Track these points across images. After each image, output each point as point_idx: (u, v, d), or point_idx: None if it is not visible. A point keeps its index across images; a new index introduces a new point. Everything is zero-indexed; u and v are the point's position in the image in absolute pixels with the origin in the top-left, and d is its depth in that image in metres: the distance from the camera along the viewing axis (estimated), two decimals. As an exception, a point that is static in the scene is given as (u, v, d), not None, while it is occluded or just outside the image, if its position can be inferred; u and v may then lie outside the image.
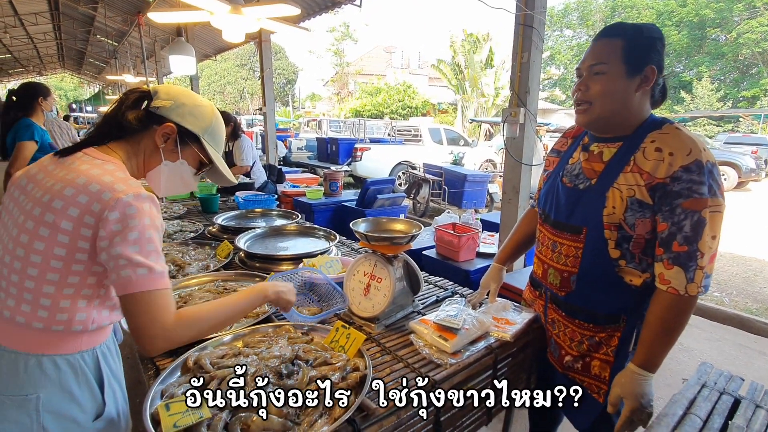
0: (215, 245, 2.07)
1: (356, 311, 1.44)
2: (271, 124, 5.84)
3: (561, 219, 1.26)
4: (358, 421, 0.94)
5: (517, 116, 2.57)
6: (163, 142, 1.00)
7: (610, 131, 1.19)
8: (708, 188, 1.02)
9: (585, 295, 1.24)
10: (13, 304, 0.86)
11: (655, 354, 1.10)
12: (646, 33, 1.12)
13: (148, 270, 0.83)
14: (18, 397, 0.84)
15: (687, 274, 1.03)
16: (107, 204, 0.82)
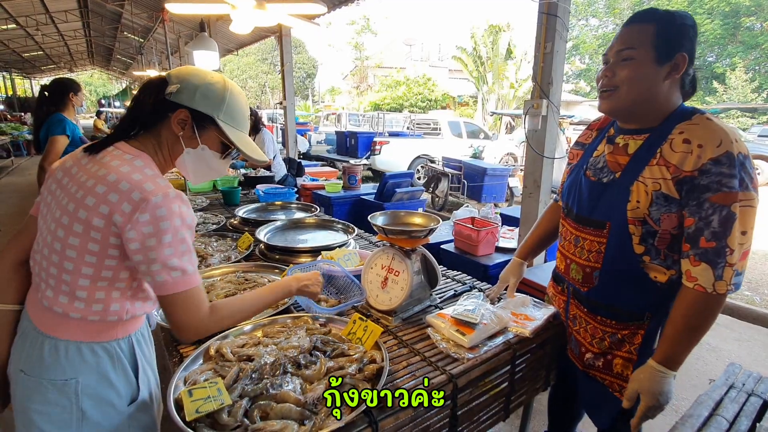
0: (236, 237, 2.11)
1: (374, 304, 1.45)
2: (291, 117, 5.89)
3: (584, 213, 1.23)
4: (375, 412, 0.95)
5: (540, 108, 2.51)
6: (180, 129, 0.95)
7: (636, 121, 1.15)
8: (739, 181, 0.97)
9: (608, 292, 1.20)
10: (52, 295, 0.89)
11: (677, 352, 1.05)
12: (679, 20, 1.07)
13: (182, 272, 0.86)
14: (59, 381, 0.88)
15: (715, 272, 0.99)
16: (137, 205, 0.82)
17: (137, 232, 0.83)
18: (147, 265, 0.85)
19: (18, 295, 1.00)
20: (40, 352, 0.89)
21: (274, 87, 35.24)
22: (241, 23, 2.79)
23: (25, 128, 12.63)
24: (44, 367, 0.89)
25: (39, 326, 0.91)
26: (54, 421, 0.89)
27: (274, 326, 1.29)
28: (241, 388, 0.97)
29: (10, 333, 0.98)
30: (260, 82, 36.31)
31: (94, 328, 0.91)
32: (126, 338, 0.97)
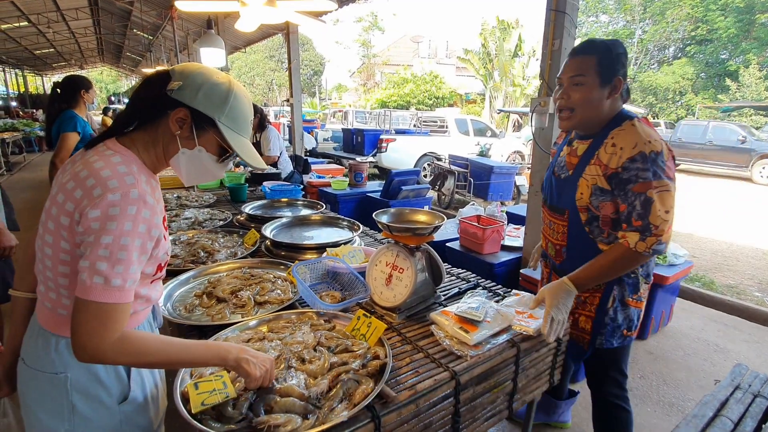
0: (243, 233, 2.13)
1: (378, 301, 1.46)
2: (297, 114, 5.90)
3: (553, 203, 1.54)
4: (378, 408, 0.96)
5: (547, 106, 2.50)
6: (178, 128, 0.91)
7: (586, 131, 1.42)
8: (652, 173, 1.24)
9: (573, 263, 1.43)
10: (44, 290, 0.91)
11: (587, 278, 1.34)
12: (615, 50, 1.33)
13: (104, 281, 0.77)
14: (50, 374, 0.90)
15: (641, 237, 1.27)
16: (93, 201, 0.79)
17: (84, 226, 0.79)
18: (81, 260, 0.79)
19: (33, 285, 1.02)
20: (35, 343, 0.91)
21: (282, 84, 35.33)
22: (248, 21, 2.81)
23: (37, 125, 12.80)
24: (39, 359, 0.91)
25: (38, 319, 0.93)
26: (48, 410, 0.90)
27: (279, 321, 1.30)
28: (246, 382, 0.98)
29: (26, 320, 1.01)
30: (267, 79, 36.43)
31: None
32: None
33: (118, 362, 0.84)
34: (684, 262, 3.03)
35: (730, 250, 5.42)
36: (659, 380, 2.57)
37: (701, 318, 3.45)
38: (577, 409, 2.29)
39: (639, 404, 2.34)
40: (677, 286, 3.23)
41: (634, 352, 2.85)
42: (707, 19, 24.77)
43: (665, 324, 3.20)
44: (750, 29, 22.92)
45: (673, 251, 3.02)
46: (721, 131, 12.01)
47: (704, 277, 4.37)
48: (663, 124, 16.99)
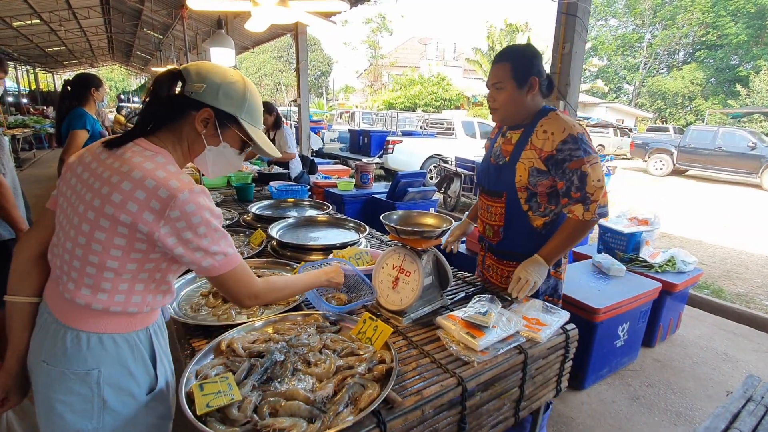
0: (249, 233, 2.13)
1: (384, 304, 1.44)
2: (305, 115, 5.91)
3: (490, 188, 1.70)
4: (383, 413, 0.95)
5: (556, 110, 2.48)
6: (203, 128, 0.98)
7: (516, 123, 1.63)
8: (583, 150, 1.46)
9: (510, 241, 1.68)
10: (74, 288, 0.90)
11: (554, 251, 1.54)
12: (526, 54, 1.55)
13: (224, 255, 0.93)
14: (81, 371, 0.90)
15: (584, 207, 1.47)
16: (166, 203, 0.85)
17: (171, 227, 0.86)
18: (190, 255, 0.89)
19: (36, 288, 1.01)
20: (62, 343, 0.90)
21: (289, 84, 35.46)
22: (259, 21, 2.81)
23: (47, 121, 12.93)
24: (67, 358, 0.90)
25: (60, 318, 0.92)
26: (76, 410, 0.90)
27: (284, 323, 1.29)
28: (252, 384, 0.98)
29: (29, 325, 1.00)
30: (275, 79, 36.58)
31: (116, 319, 0.92)
32: (144, 330, 0.99)
33: (272, 297, 1.09)
34: (693, 269, 2.99)
35: (739, 257, 5.35)
36: (667, 389, 2.53)
37: (710, 326, 3.40)
38: (582, 416, 2.26)
39: (646, 413, 2.31)
40: (686, 294, 3.19)
41: (641, 360, 2.82)
42: (718, 24, 24.57)
43: (673, 332, 3.16)
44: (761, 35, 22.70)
45: (682, 258, 2.99)
46: (730, 137, 11.88)
47: (713, 284, 4.31)
48: (672, 129, 16.79)
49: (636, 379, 2.61)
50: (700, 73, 25.79)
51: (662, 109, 27.77)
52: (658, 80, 27.99)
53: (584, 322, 2.28)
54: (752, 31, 22.88)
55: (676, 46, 28.73)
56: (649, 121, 25.20)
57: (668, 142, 13.44)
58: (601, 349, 2.43)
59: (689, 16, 26.00)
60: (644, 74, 30.06)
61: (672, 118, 27.06)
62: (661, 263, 2.93)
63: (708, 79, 26.06)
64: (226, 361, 1.08)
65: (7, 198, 1.94)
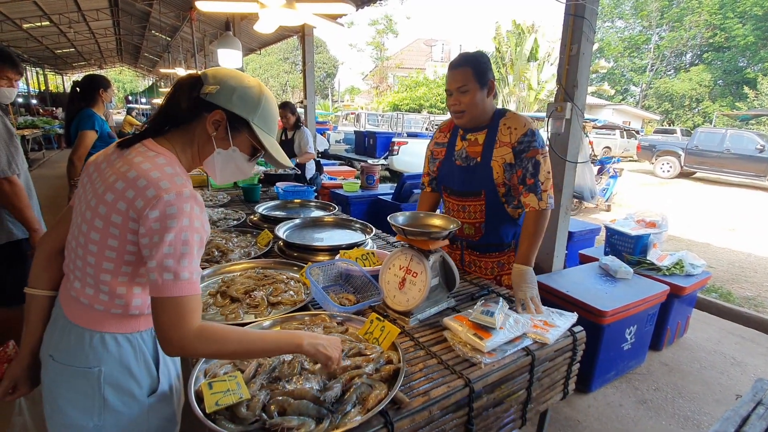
0: (256, 233, 2.14)
1: (391, 304, 1.44)
2: (311, 116, 5.93)
3: (463, 189, 1.78)
4: (391, 413, 0.95)
5: (563, 111, 2.47)
6: (214, 130, 0.96)
7: (477, 125, 1.73)
8: (538, 143, 1.64)
9: (493, 233, 1.80)
10: (79, 286, 0.92)
11: (527, 253, 1.61)
12: (482, 59, 1.66)
13: (174, 276, 0.81)
14: (83, 368, 0.91)
15: (537, 196, 1.63)
16: (149, 202, 0.82)
17: (146, 227, 0.82)
18: (147, 261, 0.83)
19: (52, 282, 1.03)
20: (67, 339, 0.92)
21: (295, 86, 35.60)
22: (267, 22, 2.83)
23: (57, 122, 13.07)
24: (71, 354, 0.91)
25: (68, 314, 0.94)
26: (78, 406, 0.91)
27: (292, 323, 1.30)
28: (260, 383, 0.98)
29: (44, 318, 1.02)
30: (281, 81, 36.74)
31: (118, 320, 0.93)
32: (148, 330, 0.99)
33: (204, 351, 0.86)
34: (701, 272, 2.97)
35: (747, 261, 5.30)
36: (674, 393, 2.51)
37: (718, 330, 3.37)
38: (589, 420, 2.25)
39: (654, 417, 2.29)
40: (694, 297, 3.17)
41: (648, 363, 2.79)
42: (725, 26, 24.40)
43: (681, 335, 3.14)
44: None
45: (690, 261, 2.96)
46: (738, 140, 11.77)
47: (721, 288, 4.28)
48: (679, 132, 16.67)
49: (643, 382, 2.59)
50: (708, 74, 25.58)
51: (669, 111, 27.56)
52: (665, 82, 27.80)
53: (591, 325, 2.27)
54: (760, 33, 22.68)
55: (683, 47, 28.53)
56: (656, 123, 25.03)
57: (675, 145, 13.35)
58: (608, 352, 2.42)
59: (696, 17, 25.82)
60: (651, 76, 29.86)
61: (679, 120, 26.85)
62: (669, 266, 2.91)
63: (716, 81, 25.85)
64: (235, 360, 1.08)
65: (21, 198, 1.96)
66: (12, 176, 1.92)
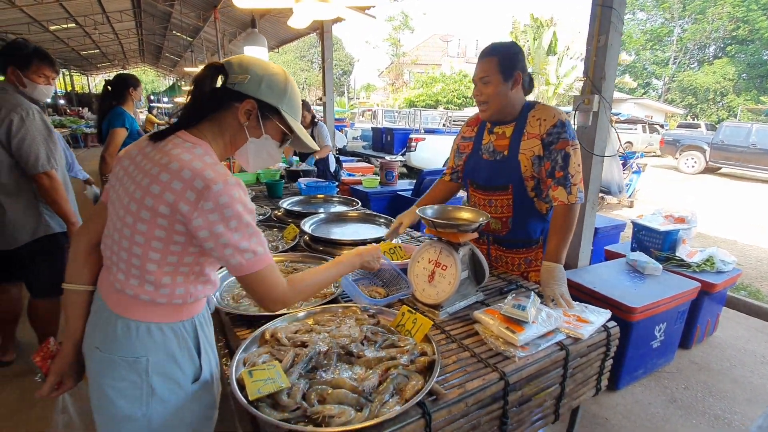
0: (282, 228, 2.17)
1: (420, 297, 1.45)
2: (330, 113, 5.96)
3: (490, 183, 1.74)
4: (428, 404, 0.96)
5: (591, 104, 2.42)
6: (246, 119, 0.97)
7: (504, 118, 1.69)
8: (569, 134, 1.58)
9: (520, 228, 1.76)
10: (123, 278, 0.94)
11: (556, 249, 1.55)
12: (512, 50, 1.61)
13: (253, 253, 0.90)
14: (131, 359, 0.93)
15: (566, 190, 1.57)
16: (201, 193, 0.84)
17: (204, 219, 0.85)
18: (220, 251, 0.88)
19: (91, 277, 1.06)
20: (114, 330, 0.94)
21: (312, 84, 35.79)
22: (301, 17, 2.84)
23: (83, 122, 13.45)
24: (117, 345, 0.94)
25: (112, 306, 0.96)
26: (126, 396, 0.94)
27: (324, 314, 1.31)
28: (298, 372, 1.00)
29: (85, 312, 1.05)
30: (299, 79, 36.98)
31: (162, 310, 0.95)
32: (190, 320, 1.01)
33: (300, 297, 1.03)
34: (732, 269, 2.89)
35: (778, 258, 5.12)
36: (705, 391, 2.46)
37: (747, 328, 3.27)
38: (617, 417, 2.21)
39: (684, 416, 2.25)
40: (724, 295, 3.08)
41: (677, 361, 2.73)
42: (748, 18, 23.56)
43: (710, 334, 3.06)
44: (798, 28, 21.59)
45: (721, 258, 2.88)
46: (765, 134, 11.33)
47: (750, 286, 4.15)
48: (703, 126, 16.16)
49: (672, 381, 2.54)
50: (732, 68, 24.74)
51: (693, 105, 26.74)
52: (688, 75, 26.98)
53: (619, 321, 2.20)
54: (785, 25, 21.81)
55: (706, 40, 27.63)
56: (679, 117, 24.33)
57: (700, 139, 12.95)
58: (637, 350, 2.37)
59: (719, 10, 24.97)
60: (674, 69, 29.02)
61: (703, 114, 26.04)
62: (699, 262, 2.83)
63: (740, 75, 24.98)
64: (272, 349, 1.10)
65: (59, 192, 2.03)
66: (51, 170, 1.99)
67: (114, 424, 0.96)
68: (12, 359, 2.47)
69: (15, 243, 2.09)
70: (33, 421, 2.06)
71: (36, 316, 2.31)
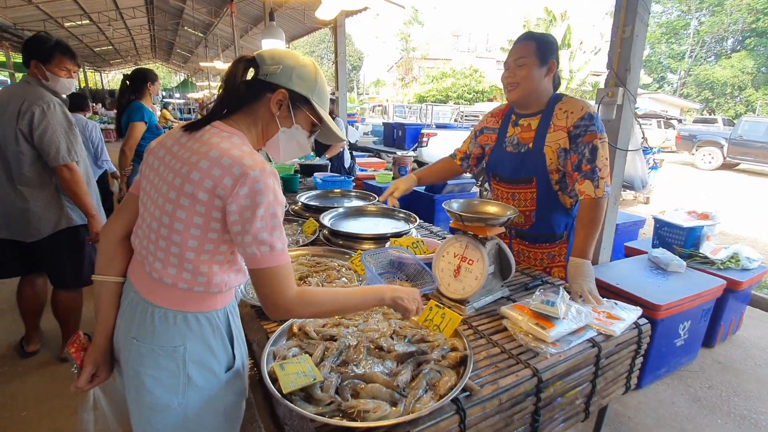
0: (301, 222, 2.16)
1: (445, 292, 1.43)
2: (343, 107, 5.94)
3: (514, 176, 1.72)
4: (462, 400, 0.94)
5: (615, 97, 2.37)
6: (277, 109, 0.98)
7: (530, 107, 1.68)
8: (597, 127, 1.55)
9: (544, 223, 1.73)
10: (160, 267, 0.93)
11: (583, 244, 1.53)
12: (549, 38, 1.64)
13: (270, 248, 0.87)
14: (169, 348, 0.93)
15: (593, 184, 1.53)
16: (238, 179, 0.84)
17: (237, 204, 0.85)
18: (241, 237, 0.87)
19: (121, 268, 1.06)
20: (151, 320, 0.94)
21: (321, 79, 35.70)
22: (330, 7, 2.83)
23: (97, 117, 13.59)
24: (155, 335, 0.94)
25: (147, 297, 0.96)
26: (164, 385, 0.94)
27: (350, 309, 1.30)
28: (329, 366, 0.99)
29: (116, 304, 1.05)
30: (307, 74, 36.93)
31: (199, 298, 0.95)
32: (223, 309, 1.01)
33: (306, 313, 0.95)
34: (758, 266, 2.82)
35: (802, 256, 5.00)
36: (729, 391, 2.40)
37: (772, 328, 3.19)
38: (640, 416, 2.17)
39: (708, 415, 2.20)
40: (749, 293, 3.01)
41: (700, 360, 2.68)
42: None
43: (734, 332, 2.99)
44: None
45: (746, 255, 2.82)
46: (786, 130, 11.07)
47: (775, 284, 4.05)
48: (720, 121, 15.80)
49: (696, 380, 2.49)
50: (751, 61, 24.15)
51: (710, 99, 26.20)
52: (705, 69, 26.42)
53: (643, 319, 2.19)
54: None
55: (724, 33, 27.01)
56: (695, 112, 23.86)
57: (717, 134, 12.68)
58: (661, 348, 2.33)
59: (738, 1, 24.37)
60: (690, 63, 28.44)
61: (720, 108, 25.50)
62: (724, 260, 2.77)
63: (759, 68, 24.39)
64: (301, 343, 1.09)
65: (80, 184, 2.05)
66: (71, 163, 2.00)
67: (151, 414, 0.96)
68: (36, 349, 2.51)
69: (38, 235, 2.11)
70: (58, 410, 2.09)
71: (58, 307, 2.34)
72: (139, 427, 0.99)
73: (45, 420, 2.03)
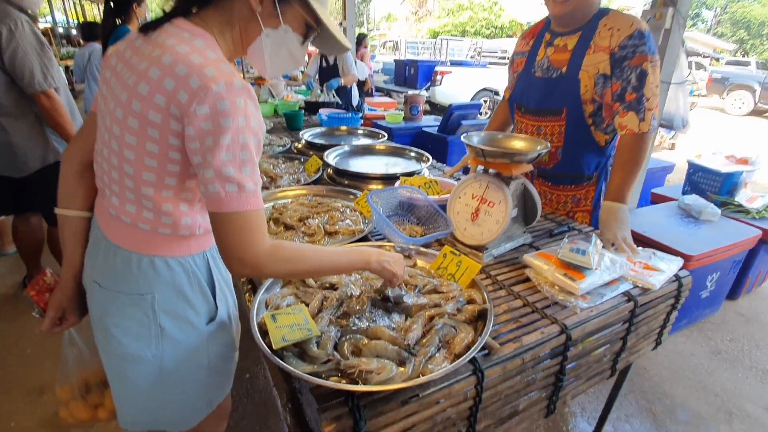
0: (304, 160, 1.99)
1: (461, 237, 1.27)
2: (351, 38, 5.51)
3: (541, 106, 1.51)
4: (480, 360, 0.81)
5: (663, 19, 2.04)
6: (258, 4, 0.76)
7: (571, 24, 1.42)
8: (647, 47, 1.30)
9: (571, 161, 1.53)
10: (118, 203, 0.79)
11: (620, 187, 1.34)
12: None
13: (238, 187, 0.68)
14: (134, 295, 0.81)
15: (638, 116, 1.32)
16: (195, 94, 0.66)
17: (195, 128, 0.67)
18: (202, 170, 0.68)
19: (87, 201, 0.91)
20: (113, 263, 0.81)
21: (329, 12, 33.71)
22: None
23: (96, 53, 13.04)
24: (118, 280, 0.81)
25: (109, 236, 0.82)
26: (132, 334, 0.83)
27: (354, 254, 1.16)
28: (328, 318, 0.86)
29: (82, 241, 0.92)
30: (315, 8, 34.85)
31: (167, 241, 0.81)
32: (201, 254, 0.88)
33: (278, 271, 0.78)
34: (797, 216, 2.61)
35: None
36: (751, 344, 2.31)
37: (800, 280, 3.05)
38: (658, 368, 2.10)
39: (729, 368, 2.12)
40: (781, 244, 2.82)
41: (722, 312, 2.57)
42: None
43: (759, 284, 2.85)
44: None
45: (784, 202, 2.60)
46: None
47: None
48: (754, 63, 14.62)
49: (717, 332, 2.39)
50: (796, -3, 21.98)
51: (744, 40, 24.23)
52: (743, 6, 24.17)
53: (669, 270, 2.04)
54: None
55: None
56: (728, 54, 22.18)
57: (751, 78, 11.80)
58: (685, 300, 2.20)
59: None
60: (726, 0, 26.01)
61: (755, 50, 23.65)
62: (760, 209, 2.56)
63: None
64: (297, 291, 0.97)
65: (61, 113, 1.87)
66: (49, 90, 1.81)
67: (121, 363, 0.86)
68: (38, 288, 2.48)
69: (27, 169, 1.99)
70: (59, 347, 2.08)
71: (54, 245, 2.27)
72: (113, 378, 0.90)
73: (47, 360, 2.02)
